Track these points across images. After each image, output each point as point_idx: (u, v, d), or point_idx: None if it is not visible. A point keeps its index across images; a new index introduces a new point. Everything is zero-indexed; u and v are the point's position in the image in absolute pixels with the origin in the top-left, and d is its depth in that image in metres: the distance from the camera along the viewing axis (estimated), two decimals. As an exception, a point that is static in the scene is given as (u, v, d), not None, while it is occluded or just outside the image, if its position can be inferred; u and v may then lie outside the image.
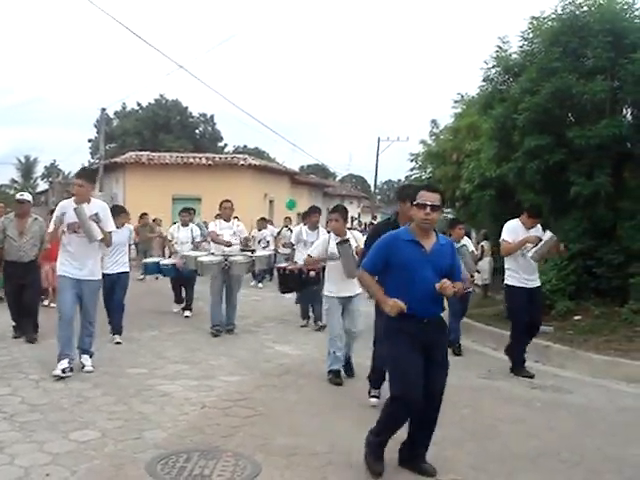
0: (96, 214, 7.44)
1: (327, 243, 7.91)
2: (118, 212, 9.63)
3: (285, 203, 29.79)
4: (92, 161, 53.67)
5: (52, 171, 57.67)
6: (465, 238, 10.33)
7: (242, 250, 11.16)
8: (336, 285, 7.71)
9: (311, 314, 11.74)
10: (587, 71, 10.87)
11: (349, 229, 9.53)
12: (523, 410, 6.84)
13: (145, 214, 19.94)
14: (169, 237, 13.20)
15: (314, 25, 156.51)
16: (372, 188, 55.63)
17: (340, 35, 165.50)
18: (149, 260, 13.53)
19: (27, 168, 62.71)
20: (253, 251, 11.90)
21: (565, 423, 6.51)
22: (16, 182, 60.58)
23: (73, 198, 7.66)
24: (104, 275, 8.58)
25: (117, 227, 8.86)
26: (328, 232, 8.62)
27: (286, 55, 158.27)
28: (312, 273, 9.85)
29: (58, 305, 7.78)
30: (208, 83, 60.58)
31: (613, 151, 10.86)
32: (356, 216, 52.22)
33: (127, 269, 9.88)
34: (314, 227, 11.44)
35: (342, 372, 7.82)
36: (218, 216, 11.78)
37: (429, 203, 4.69)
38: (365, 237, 7.70)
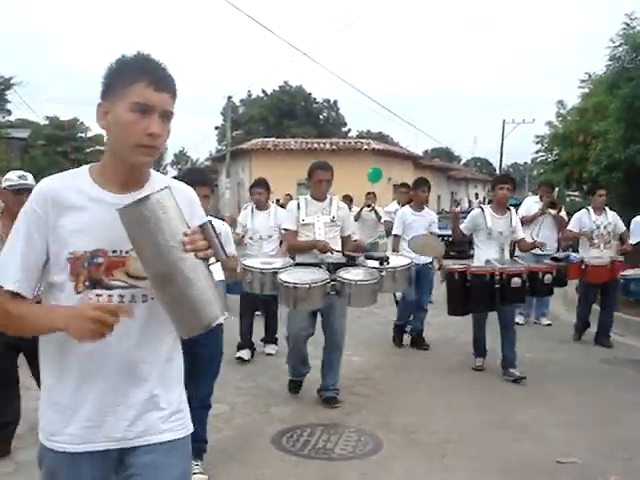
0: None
1: None
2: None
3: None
4: (219, 148, 55.40)
5: (181, 158, 59.77)
6: None
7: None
8: None
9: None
10: None
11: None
12: (647, 397, 6.69)
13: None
14: (238, 229, 8.03)
15: (437, 6, 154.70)
16: (497, 171, 54.66)
17: (462, 19, 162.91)
18: None
19: (159, 156, 65.16)
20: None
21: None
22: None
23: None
24: None
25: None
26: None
27: (410, 39, 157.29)
28: (515, 281, 6.49)
29: None
30: (331, 69, 60.92)
31: None
32: (481, 200, 51.48)
33: None
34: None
35: None
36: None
37: None
38: None
